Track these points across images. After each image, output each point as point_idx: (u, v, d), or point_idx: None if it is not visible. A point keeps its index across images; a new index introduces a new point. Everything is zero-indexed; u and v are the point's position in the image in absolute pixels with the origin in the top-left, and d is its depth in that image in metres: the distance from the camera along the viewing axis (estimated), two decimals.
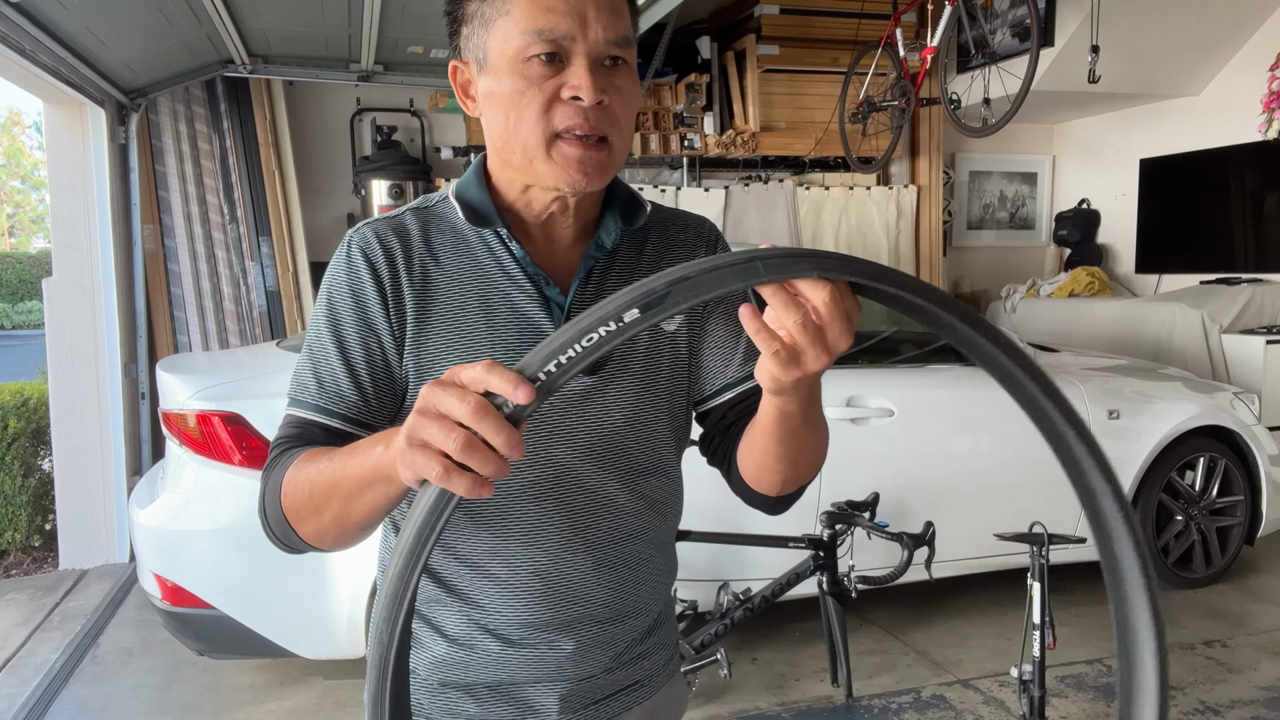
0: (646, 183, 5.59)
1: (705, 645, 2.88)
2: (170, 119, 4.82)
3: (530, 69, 0.90)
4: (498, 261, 0.98)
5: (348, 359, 0.95)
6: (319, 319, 0.98)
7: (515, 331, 0.97)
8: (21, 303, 21.97)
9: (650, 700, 1.09)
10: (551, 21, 0.89)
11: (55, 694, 3.21)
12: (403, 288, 0.96)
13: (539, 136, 0.90)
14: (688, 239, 1.08)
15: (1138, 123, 6.46)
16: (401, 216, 1.01)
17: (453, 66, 0.99)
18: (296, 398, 0.97)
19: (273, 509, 0.91)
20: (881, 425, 3.34)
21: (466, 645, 1.00)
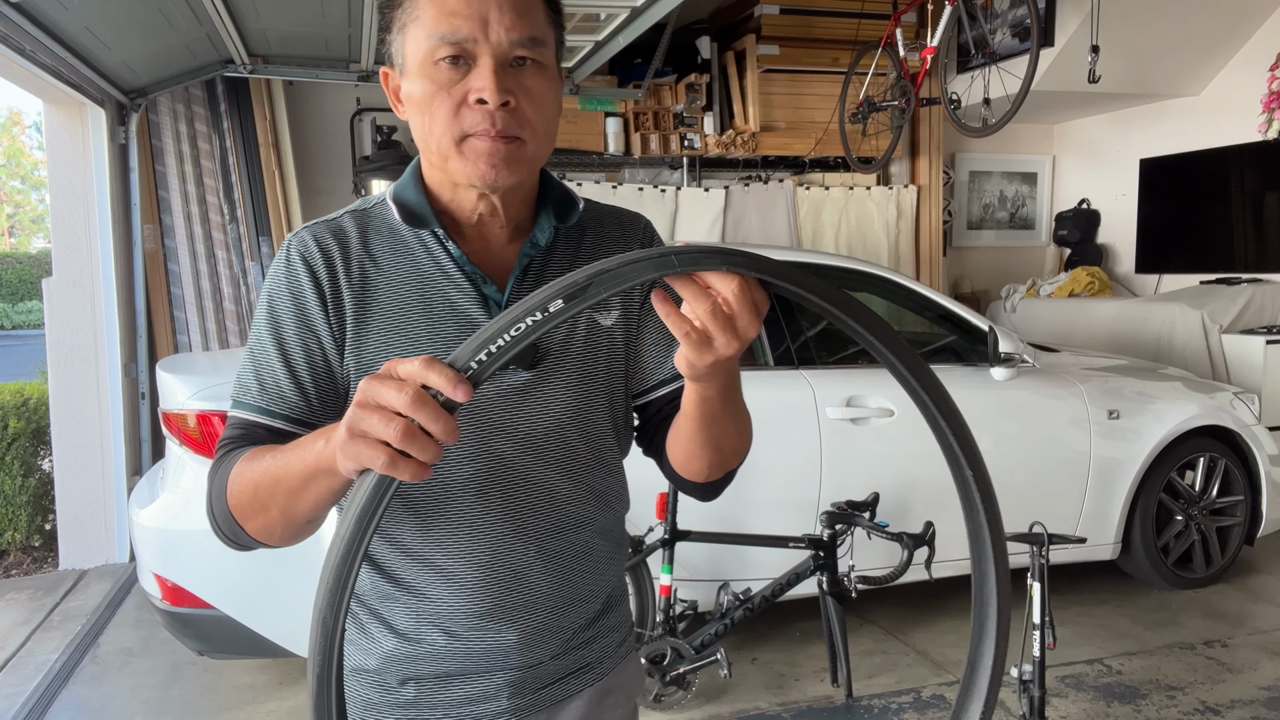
0: (646, 183, 5.59)
1: (705, 645, 2.88)
2: (170, 119, 4.82)
3: (438, 73, 0.92)
4: (435, 261, 1.00)
5: (288, 360, 0.97)
6: (260, 322, 1.00)
7: (454, 329, 0.99)
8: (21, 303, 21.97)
9: (602, 681, 1.11)
10: (453, 25, 0.91)
11: (55, 694, 3.21)
12: (341, 289, 0.98)
13: (450, 137, 0.93)
14: (623, 234, 1.12)
15: (1138, 123, 6.46)
16: (340, 219, 1.03)
17: (383, 72, 1.03)
18: (239, 399, 0.98)
19: (220, 508, 0.93)
20: (881, 425, 3.34)
21: (415, 639, 1.01)
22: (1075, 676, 3.23)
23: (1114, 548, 3.81)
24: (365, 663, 1.04)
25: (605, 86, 5.40)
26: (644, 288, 1.09)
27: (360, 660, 1.05)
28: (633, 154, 5.48)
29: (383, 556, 1.02)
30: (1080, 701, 3.05)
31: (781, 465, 3.25)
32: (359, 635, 1.05)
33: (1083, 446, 3.65)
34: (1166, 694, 3.10)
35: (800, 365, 3.35)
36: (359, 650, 1.05)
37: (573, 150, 5.37)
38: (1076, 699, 3.07)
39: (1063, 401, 3.63)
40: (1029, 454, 3.58)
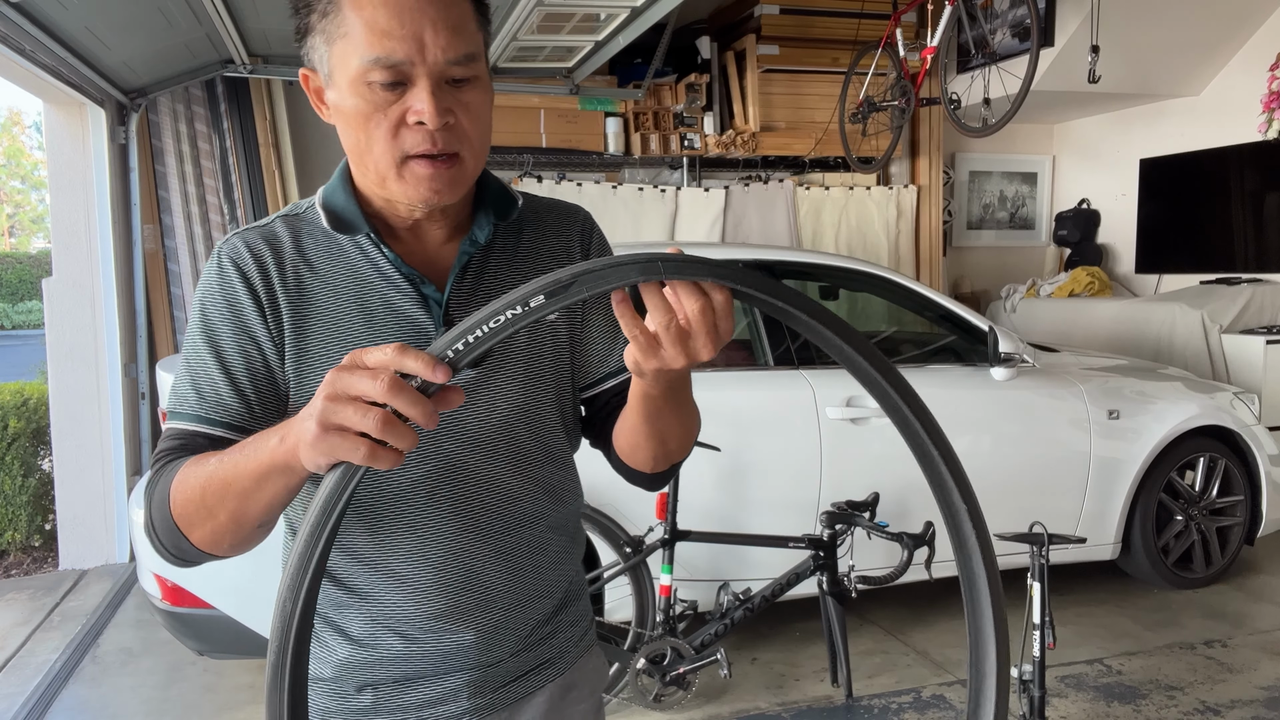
0: (646, 183, 5.59)
1: (705, 645, 2.88)
2: (170, 119, 4.82)
3: (373, 94, 0.90)
4: (372, 264, 0.99)
5: (226, 367, 0.95)
6: (194, 331, 0.97)
7: (396, 331, 0.97)
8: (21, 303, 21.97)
9: (563, 676, 1.11)
10: (388, 48, 0.88)
11: (55, 694, 3.21)
12: (277, 295, 0.96)
13: (389, 160, 0.92)
14: (563, 228, 1.10)
15: (1138, 123, 6.46)
16: (272, 224, 1.01)
17: (303, 73, 0.99)
18: (176, 409, 0.96)
19: (161, 519, 0.90)
20: (881, 425, 3.34)
21: (370, 645, 1.00)
22: (1075, 676, 3.23)
23: (1114, 548, 3.81)
24: (320, 671, 1.02)
25: (605, 86, 5.40)
26: None
27: (315, 669, 1.03)
28: (633, 154, 5.48)
29: (334, 564, 1.00)
30: (1080, 701, 3.05)
31: (781, 465, 3.25)
32: (313, 644, 1.02)
33: (1083, 446, 3.65)
34: (1166, 694, 3.10)
35: (800, 365, 3.35)
36: (313, 660, 1.03)
37: (573, 150, 5.37)
38: (1076, 699, 3.07)
39: (1063, 401, 3.63)
40: (1029, 454, 3.58)
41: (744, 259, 3.48)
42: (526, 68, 5.13)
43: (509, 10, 4.03)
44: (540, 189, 5.26)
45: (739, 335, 3.53)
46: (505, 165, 5.36)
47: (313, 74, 0.98)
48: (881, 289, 3.76)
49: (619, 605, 3.07)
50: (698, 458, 3.04)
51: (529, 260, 1.06)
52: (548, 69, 5.19)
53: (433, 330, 0.98)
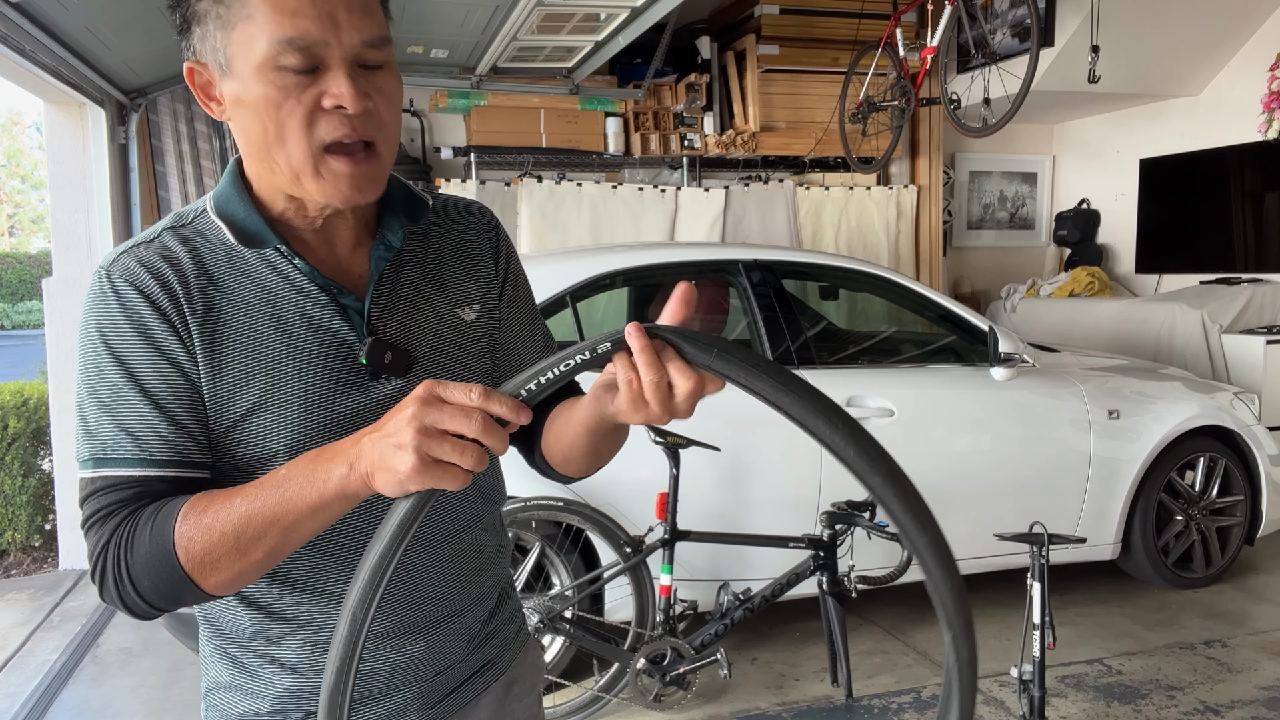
0: (646, 183, 5.59)
1: (705, 645, 2.88)
2: (170, 119, 4.82)
3: (283, 79, 0.84)
4: (282, 276, 0.93)
5: (156, 401, 0.87)
6: (97, 366, 0.87)
7: (318, 346, 0.93)
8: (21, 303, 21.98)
9: (505, 675, 1.11)
10: (300, 28, 0.83)
11: (55, 694, 3.21)
12: (186, 316, 0.89)
13: (305, 152, 0.86)
14: (470, 228, 1.07)
15: (1138, 123, 6.46)
16: (160, 239, 0.92)
17: (188, 68, 0.91)
18: (105, 457, 0.86)
19: (158, 572, 0.82)
20: (881, 425, 3.34)
21: (311, 672, 0.97)
22: (1075, 676, 3.23)
23: (1114, 548, 3.81)
24: (256, 707, 0.98)
25: (605, 86, 5.40)
26: (500, 278, 1.08)
27: (249, 706, 0.98)
28: (633, 154, 5.48)
29: (264, 595, 0.96)
30: (1080, 701, 3.05)
31: (781, 465, 3.25)
32: (243, 679, 0.98)
33: (1083, 446, 3.65)
34: (1166, 694, 3.10)
35: (800, 365, 3.35)
36: (245, 696, 0.98)
37: (573, 150, 5.37)
38: (1076, 699, 3.07)
39: (1063, 401, 3.63)
40: (1029, 454, 3.58)
41: (744, 259, 3.48)
42: (526, 68, 5.13)
43: (509, 10, 4.03)
44: (540, 189, 5.27)
45: (739, 335, 3.53)
46: (505, 165, 5.36)
47: (201, 67, 0.89)
48: (881, 289, 3.76)
49: (619, 605, 3.07)
50: (698, 457, 3.04)
51: (440, 262, 1.03)
52: (548, 69, 5.19)
53: (355, 341, 0.94)
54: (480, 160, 5.24)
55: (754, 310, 3.39)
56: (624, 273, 3.39)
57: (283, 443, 0.91)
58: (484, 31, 4.38)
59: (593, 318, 4.05)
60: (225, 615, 0.98)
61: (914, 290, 3.67)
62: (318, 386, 0.92)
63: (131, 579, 0.83)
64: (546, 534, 2.99)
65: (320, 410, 0.92)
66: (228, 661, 0.99)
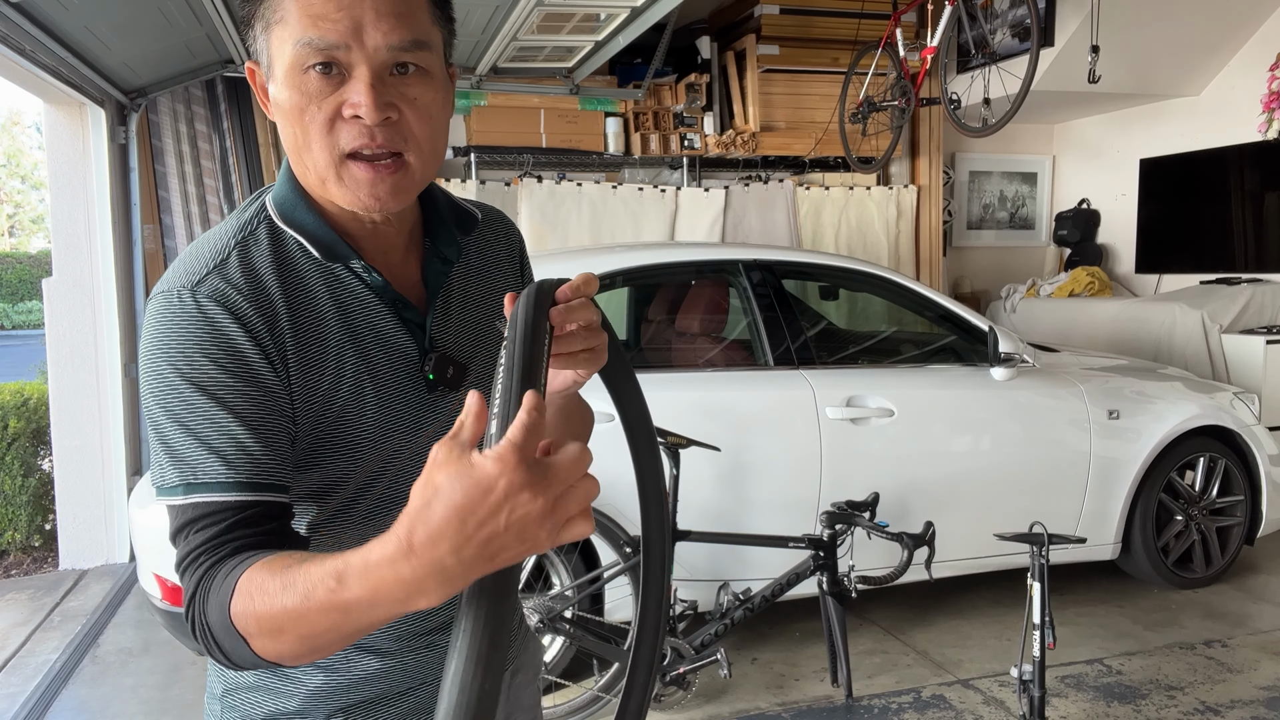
0: (646, 183, 5.59)
1: (705, 645, 2.88)
2: (170, 119, 4.82)
3: (308, 83, 0.83)
4: (347, 288, 0.92)
5: (244, 419, 0.82)
6: (173, 391, 0.82)
7: (386, 361, 0.92)
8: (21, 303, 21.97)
9: (511, 664, 1.12)
10: (321, 30, 0.82)
11: (55, 694, 3.21)
12: (277, 338, 0.86)
13: (328, 158, 0.85)
14: (499, 243, 1.08)
15: (1138, 123, 6.46)
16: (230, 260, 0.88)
17: (249, 68, 0.91)
18: (198, 481, 0.81)
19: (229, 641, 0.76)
20: (881, 425, 3.34)
21: (343, 670, 0.96)
22: (1075, 676, 3.23)
23: (1114, 548, 3.81)
24: (283, 706, 0.96)
25: (605, 86, 5.40)
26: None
27: (275, 705, 0.96)
28: (633, 154, 5.48)
29: None
30: (1080, 701, 3.05)
31: (781, 465, 3.25)
32: (269, 679, 0.97)
33: (1083, 446, 3.64)
34: (1166, 694, 3.10)
35: (800, 365, 3.35)
36: (271, 695, 0.96)
37: (573, 150, 5.37)
38: (1076, 699, 3.07)
39: (1063, 401, 3.63)
40: (1029, 454, 3.58)
41: (744, 259, 3.48)
42: (526, 68, 5.13)
43: (509, 10, 4.03)
44: (540, 189, 5.27)
45: (739, 335, 3.53)
46: (505, 165, 5.36)
47: (257, 67, 0.90)
48: (881, 289, 3.76)
49: (619, 605, 3.07)
50: (698, 457, 3.04)
51: (480, 275, 1.03)
52: (548, 69, 5.19)
53: (416, 356, 0.95)
54: (480, 160, 5.24)
55: (754, 310, 3.39)
56: (624, 273, 3.39)
57: (354, 462, 0.91)
58: (484, 31, 4.38)
59: None
60: None
61: (914, 290, 3.67)
62: (390, 401, 0.93)
63: (213, 639, 0.77)
64: None
65: (392, 426, 0.93)
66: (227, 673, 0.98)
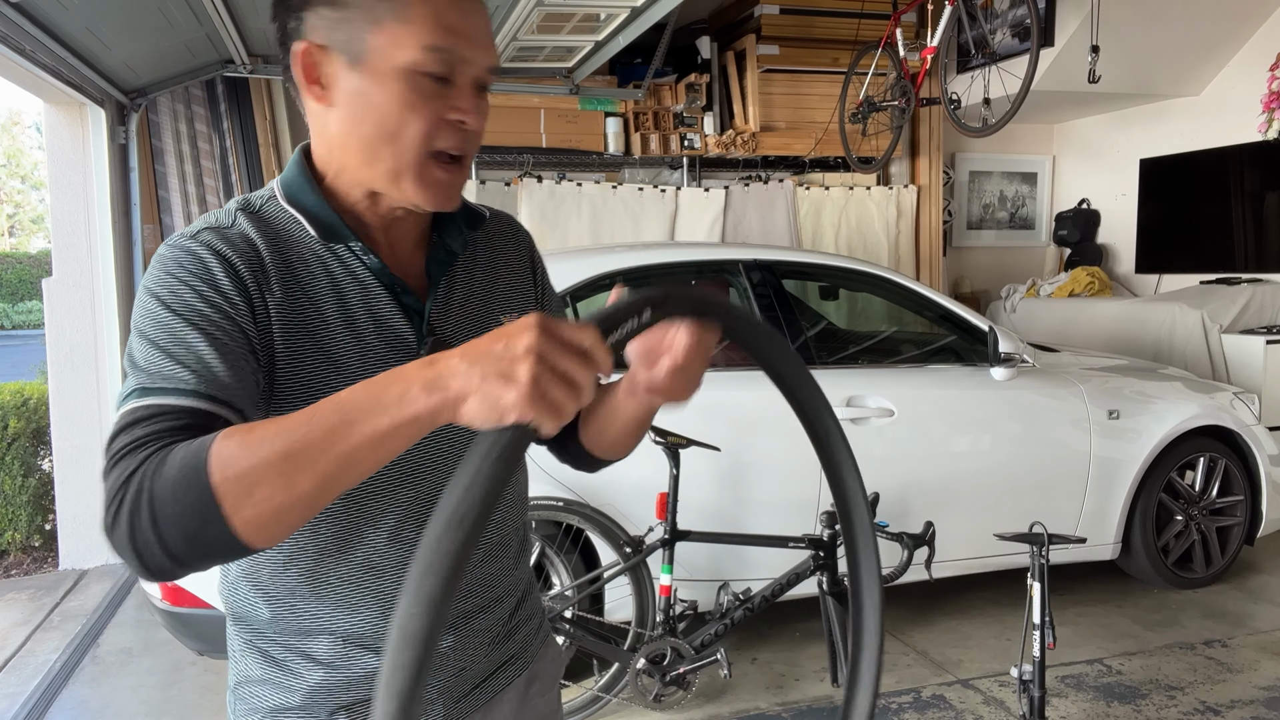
0: (646, 183, 5.58)
1: (705, 645, 2.88)
2: (170, 119, 4.82)
3: (422, 84, 0.89)
4: (349, 270, 0.95)
5: (216, 342, 0.83)
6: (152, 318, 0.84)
7: (381, 342, 0.94)
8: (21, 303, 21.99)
9: (527, 670, 1.12)
10: (451, 42, 0.89)
11: (55, 694, 3.21)
12: (265, 296, 0.89)
13: (416, 155, 0.90)
14: (509, 247, 1.12)
15: (1138, 123, 6.46)
16: (238, 223, 0.92)
17: (304, 46, 0.91)
18: (155, 386, 0.79)
19: (184, 495, 0.71)
20: (881, 425, 3.34)
21: (344, 665, 0.97)
22: (1075, 676, 3.23)
23: (1114, 548, 3.81)
24: (287, 701, 0.98)
25: (605, 86, 5.40)
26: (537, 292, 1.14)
27: (280, 700, 0.98)
28: (633, 154, 5.48)
29: (300, 591, 0.96)
30: (1080, 701, 3.05)
31: (781, 465, 3.25)
32: (274, 673, 0.98)
33: (1083, 446, 3.65)
34: (1166, 694, 3.10)
35: None
36: (276, 690, 0.98)
37: (573, 150, 5.37)
38: (1076, 699, 3.07)
39: (1063, 401, 3.63)
40: (1029, 454, 3.58)
41: (744, 259, 3.48)
42: (526, 68, 5.13)
43: (509, 10, 4.03)
44: (540, 189, 5.27)
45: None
46: (505, 165, 5.36)
47: (319, 50, 0.91)
48: (881, 289, 3.76)
49: (619, 605, 3.07)
50: (698, 457, 3.04)
51: (486, 272, 1.07)
52: (548, 69, 5.19)
53: (414, 342, 0.96)
54: (480, 160, 5.24)
55: (754, 310, 3.39)
56: (624, 273, 3.39)
57: None
58: None
59: None
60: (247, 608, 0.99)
61: (914, 290, 3.67)
62: None
63: (153, 508, 0.72)
64: (546, 534, 2.99)
65: None
66: (258, 655, 0.99)
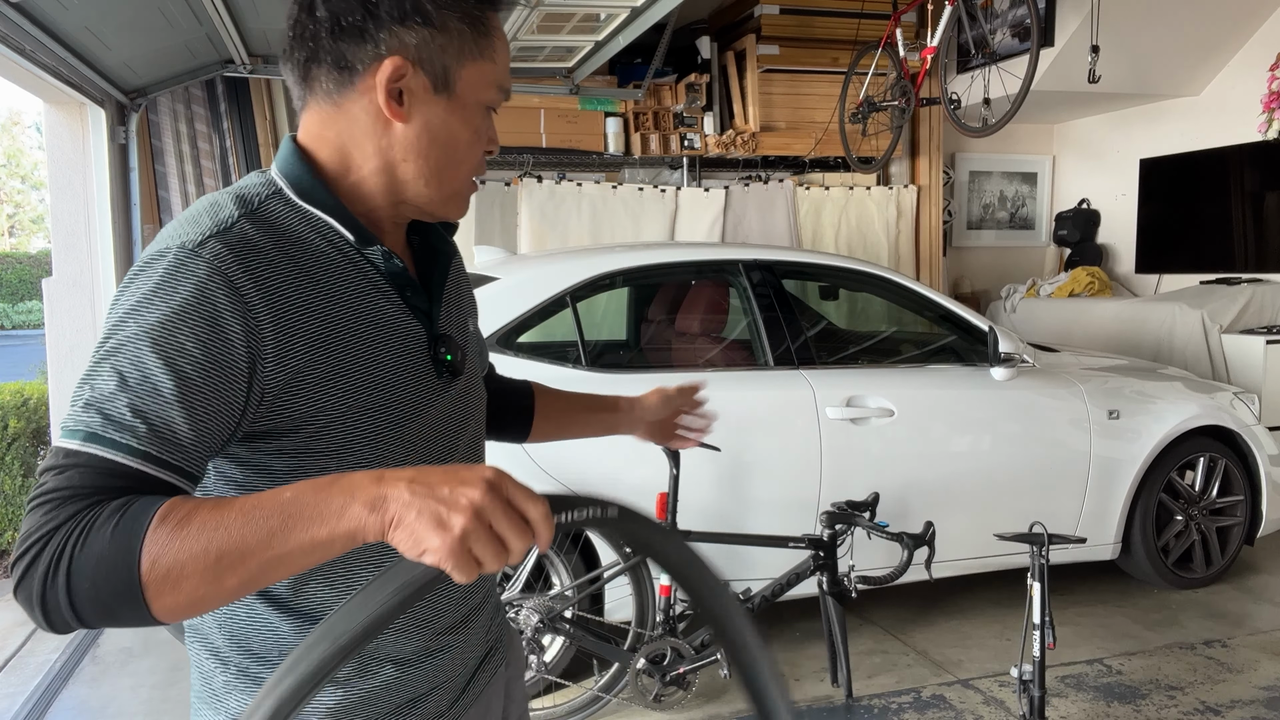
0: (646, 183, 5.58)
1: (705, 645, 2.88)
2: (170, 119, 4.81)
3: (483, 120, 0.95)
4: (360, 272, 0.92)
5: (191, 404, 0.77)
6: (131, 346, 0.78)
7: (389, 350, 0.93)
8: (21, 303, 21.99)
9: (505, 658, 1.15)
10: (508, 82, 0.97)
11: (55, 694, 3.21)
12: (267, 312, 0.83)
13: (466, 180, 0.97)
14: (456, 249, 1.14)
15: (1138, 123, 6.46)
16: (241, 225, 0.85)
17: (399, 61, 0.88)
18: (107, 436, 0.74)
19: (106, 575, 0.69)
20: (881, 425, 3.34)
21: (360, 681, 0.95)
22: (1075, 676, 3.23)
23: (1114, 548, 3.81)
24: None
25: (605, 86, 5.40)
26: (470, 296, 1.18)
27: None
28: (633, 154, 5.48)
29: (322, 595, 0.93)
30: (1080, 701, 3.05)
31: (781, 465, 3.25)
32: None
33: (1083, 446, 3.65)
34: (1166, 694, 3.10)
35: (800, 365, 3.35)
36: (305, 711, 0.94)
37: (573, 150, 5.37)
38: (1076, 699, 3.07)
39: (1063, 401, 3.63)
40: (1029, 454, 3.58)
41: (744, 259, 3.48)
42: (526, 68, 5.13)
43: (509, 10, 4.03)
44: (540, 189, 5.27)
45: (739, 335, 3.53)
46: (505, 165, 5.36)
47: (413, 68, 0.89)
48: (881, 289, 3.76)
49: (619, 605, 3.07)
50: (698, 457, 3.03)
51: (453, 274, 1.08)
52: (548, 69, 5.19)
53: (425, 344, 0.96)
54: None
55: (754, 310, 3.39)
56: (624, 273, 3.39)
57: (368, 442, 0.91)
58: None
59: (593, 318, 4.05)
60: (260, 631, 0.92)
61: (914, 290, 3.67)
62: (399, 380, 0.94)
63: (69, 577, 0.69)
64: None
65: (405, 407, 0.94)
66: (252, 686, 0.92)
